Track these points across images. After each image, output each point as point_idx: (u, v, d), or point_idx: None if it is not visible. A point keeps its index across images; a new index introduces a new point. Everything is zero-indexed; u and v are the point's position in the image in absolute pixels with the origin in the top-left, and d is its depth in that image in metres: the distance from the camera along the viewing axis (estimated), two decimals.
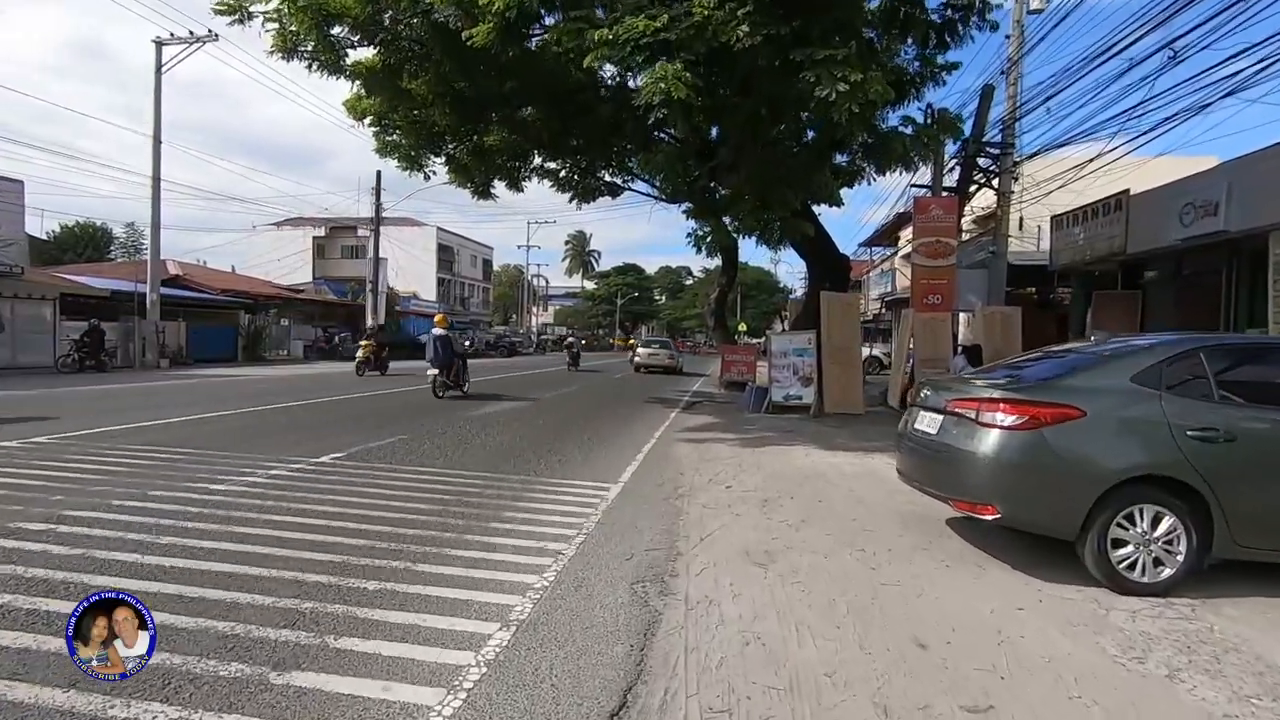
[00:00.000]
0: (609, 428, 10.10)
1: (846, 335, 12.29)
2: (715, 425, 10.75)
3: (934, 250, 14.93)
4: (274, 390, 14.25)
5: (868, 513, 5.46)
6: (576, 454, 7.70)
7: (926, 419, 4.60)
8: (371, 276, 28.30)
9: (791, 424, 10.90)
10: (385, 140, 13.10)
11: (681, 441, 8.92)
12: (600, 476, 6.53)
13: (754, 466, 7.25)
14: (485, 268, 67.60)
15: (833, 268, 12.59)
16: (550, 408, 12.47)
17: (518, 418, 10.76)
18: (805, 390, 11.96)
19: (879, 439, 9.41)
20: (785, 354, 12.20)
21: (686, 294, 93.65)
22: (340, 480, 5.86)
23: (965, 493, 4.08)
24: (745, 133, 8.69)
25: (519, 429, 9.53)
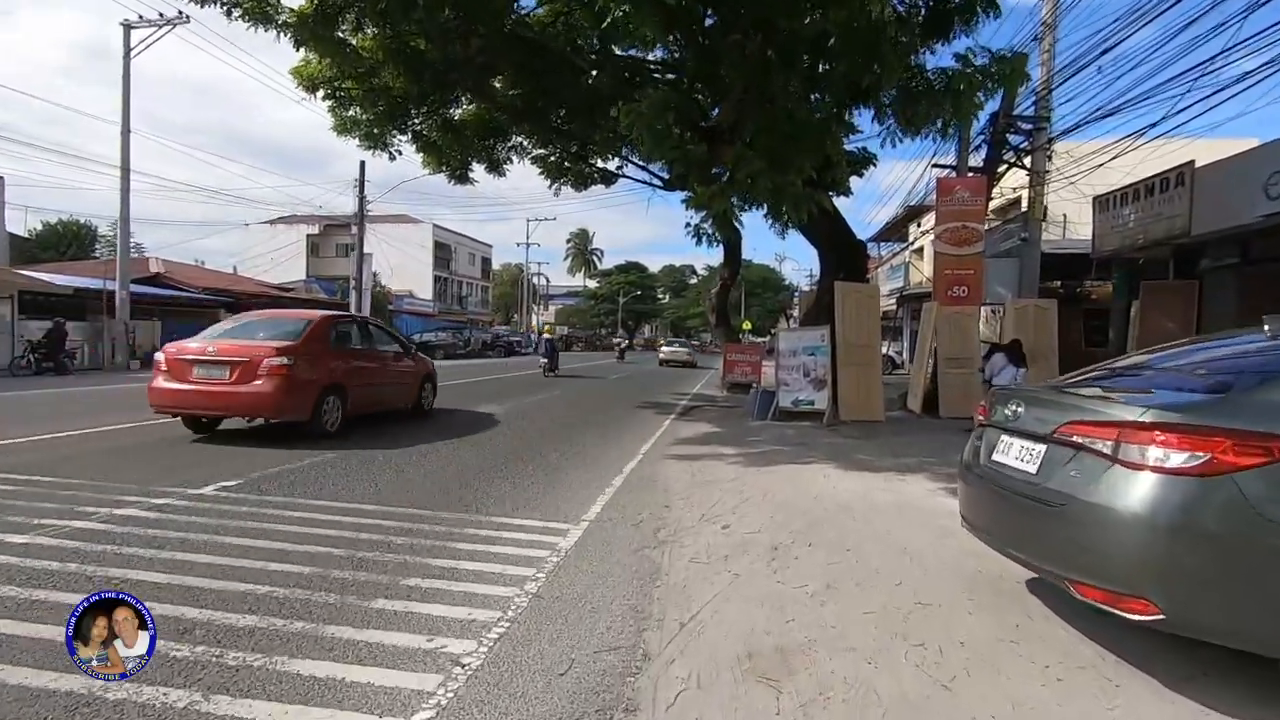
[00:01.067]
0: (589, 441, 8.62)
1: (864, 331, 10.78)
2: (714, 436, 9.26)
3: (959, 236, 13.41)
4: None
5: (917, 571, 3.97)
6: (539, 477, 6.22)
7: (1015, 448, 3.11)
8: (355, 273, 26.91)
9: (803, 434, 9.41)
10: (342, 116, 11.67)
11: (673, 459, 7.43)
12: (561, 512, 5.06)
13: (759, 495, 5.77)
14: (484, 266, 66.21)
15: (848, 255, 11.10)
16: (529, 415, 11.01)
17: (486, 428, 9.30)
18: (818, 395, 10.46)
19: (909, 453, 7.91)
20: (795, 353, 10.71)
21: (690, 293, 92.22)
22: (208, 522, 4.40)
23: (1096, 574, 2.58)
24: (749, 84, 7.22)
25: (482, 444, 8.06)
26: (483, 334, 49.31)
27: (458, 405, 11.82)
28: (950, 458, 7.66)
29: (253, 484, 5.44)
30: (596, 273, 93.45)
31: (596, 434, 9.23)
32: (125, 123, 22.93)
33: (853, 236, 11.39)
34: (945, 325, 12.91)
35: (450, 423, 9.61)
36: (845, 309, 10.61)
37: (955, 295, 13.36)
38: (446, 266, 57.35)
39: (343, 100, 11.05)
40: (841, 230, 11.18)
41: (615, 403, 13.82)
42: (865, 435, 9.38)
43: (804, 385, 10.58)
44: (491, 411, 11.09)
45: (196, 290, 30.64)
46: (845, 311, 10.61)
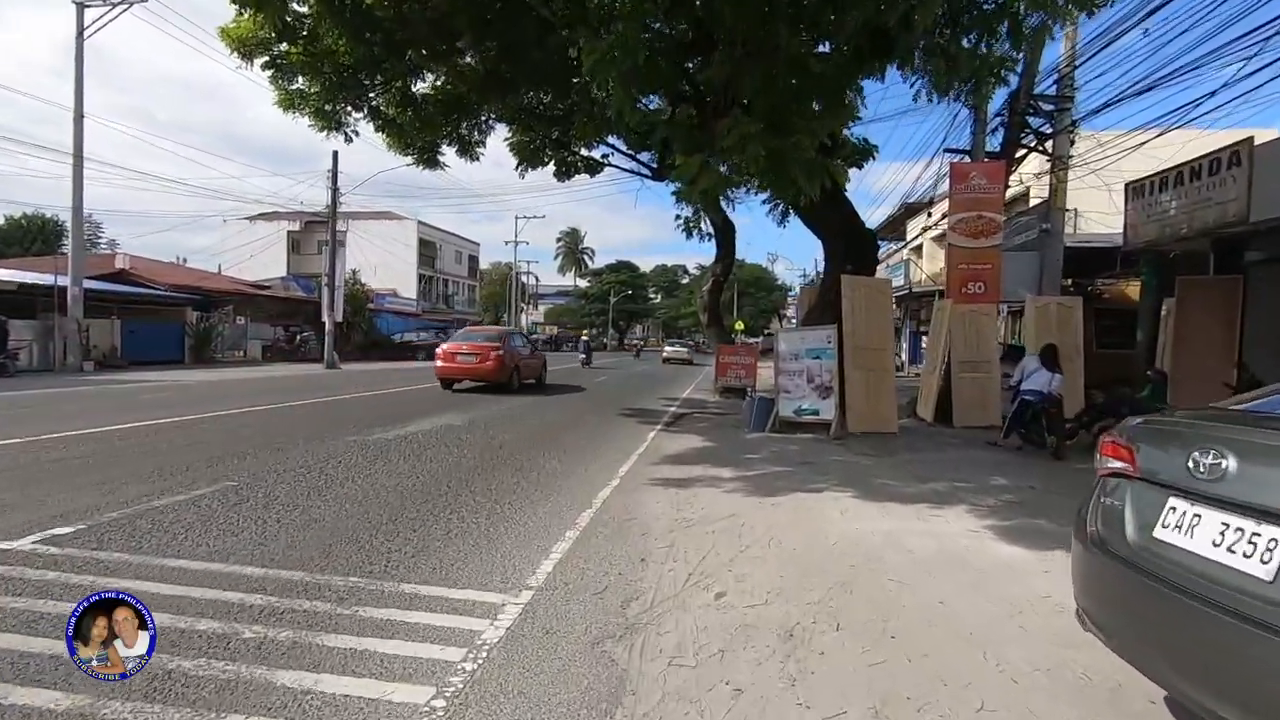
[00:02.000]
0: (559, 459, 7.34)
1: (875, 331, 9.55)
2: (706, 453, 7.99)
3: (975, 228, 12.21)
4: (165, 403, 11.45)
5: (1000, 679, 2.71)
6: (483, 515, 4.93)
7: (1212, 527, 1.86)
8: (328, 269, 25.45)
9: (807, 450, 8.16)
10: (287, 89, 10.31)
11: (656, 484, 6.16)
12: (499, 573, 3.77)
13: (763, 540, 4.50)
14: (471, 264, 64.73)
15: (856, 245, 9.87)
16: (494, 426, 9.72)
17: (434, 443, 8.00)
18: (823, 403, 9.22)
19: (936, 475, 6.67)
20: (796, 356, 9.46)
21: (682, 292, 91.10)
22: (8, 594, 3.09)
23: None
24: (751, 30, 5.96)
25: (422, 464, 6.76)
26: None
27: (420, 414, 10.52)
28: (985, 480, 6.48)
29: (95, 532, 4.12)
30: (587, 272, 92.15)
31: (570, 450, 7.94)
32: (78, 107, 21.49)
33: (862, 224, 10.16)
34: (959, 325, 11.72)
35: (400, 438, 8.30)
36: (854, 305, 9.38)
37: (970, 292, 12.15)
38: (432, 265, 55.87)
39: (285, 69, 9.72)
40: (850, 216, 9.94)
41: (598, 410, 12.53)
42: (879, 451, 8.14)
43: (807, 392, 9.34)
44: (451, 422, 9.78)
45: (164, 288, 29.12)
46: (854, 308, 9.38)
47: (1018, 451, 8.84)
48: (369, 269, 48.87)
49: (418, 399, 13.15)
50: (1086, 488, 2.55)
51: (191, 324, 27.82)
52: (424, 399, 13.17)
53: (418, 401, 12.65)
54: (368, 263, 49.36)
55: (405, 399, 13.09)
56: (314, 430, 8.46)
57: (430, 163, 14.25)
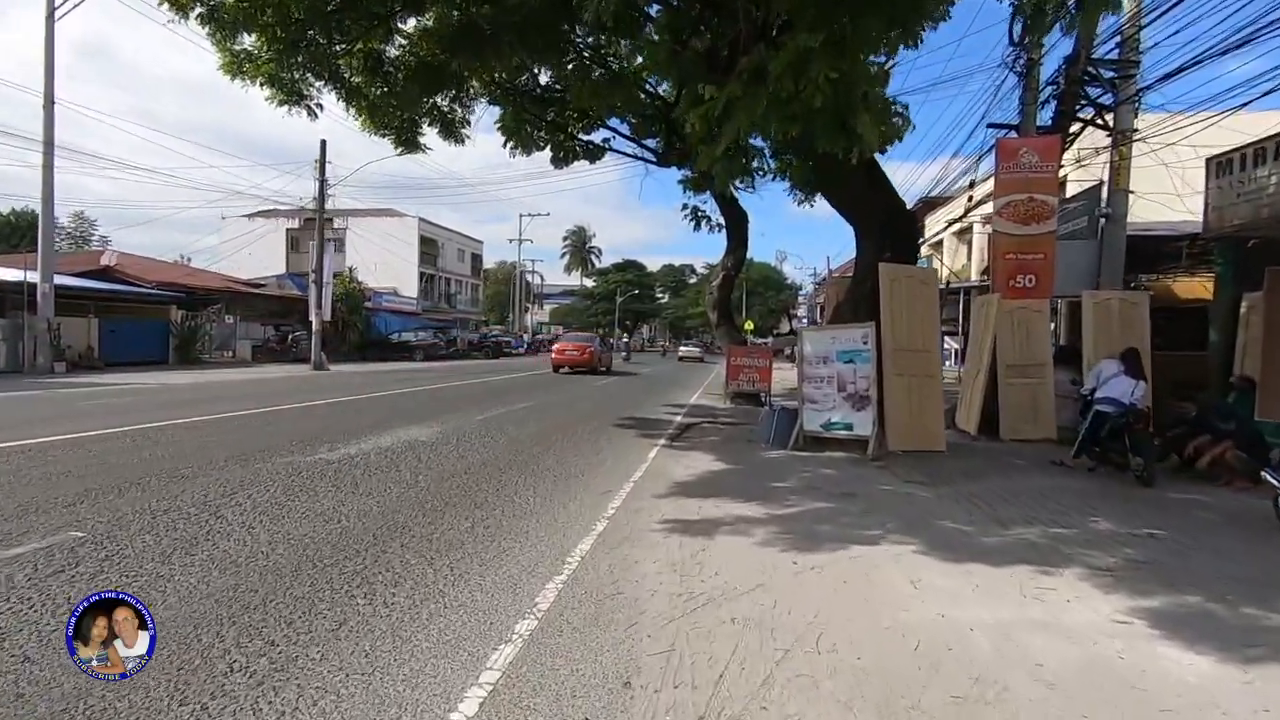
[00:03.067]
0: (530, 491, 5.87)
1: (920, 331, 8.04)
2: (720, 481, 6.49)
3: (1025, 212, 10.65)
4: (107, 410, 10.07)
5: None
6: (393, 604, 3.46)
7: None
8: (315, 265, 24.09)
9: (844, 475, 6.65)
10: (229, 49, 8.89)
11: (654, 531, 4.67)
12: (405, 707, 2.31)
13: (808, 638, 3.01)
14: (474, 262, 63.40)
15: (895, 227, 8.33)
16: (466, 439, 8.28)
17: (386, 466, 6.56)
18: (858, 416, 7.70)
19: (1016, 513, 5.16)
20: (825, 359, 7.96)
21: (689, 292, 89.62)
22: None
23: None
24: None
25: (356, 498, 5.31)
26: (469, 334, 46.58)
27: (388, 425, 9.09)
28: (1084, 524, 4.80)
29: None
30: (593, 271, 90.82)
31: (552, 474, 6.48)
32: (49, 91, 20.21)
33: (901, 202, 8.64)
34: (1006, 324, 10.19)
35: (347, 458, 6.86)
36: (893, 300, 7.87)
37: (1020, 286, 10.61)
38: (433, 263, 54.59)
39: (225, 24, 8.33)
40: (888, 192, 8.41)
41: (593, 419, 11.06)
42: (932, 477, 6.62)
43: (837, 403, 7.83)
44: (418, 436, 8.34)
45: (149, 285, 27.88)
46: (893, 303, 7.87)
47: (1090, 474, 7.32)
48: (369, 267, 47.72)
49: (395, 406, 11.73)
50: (1222, 533, 1.09)
51: (175, 323, 26.56)
52: (402, 406, 11.74)
53: (393, 409, 11.23)
54: (368, 261, 48.22)
55: (380, 406, 11.68)
56: (250, 447, 7.03)
57: (410, 145, 12.85)
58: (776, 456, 7.70)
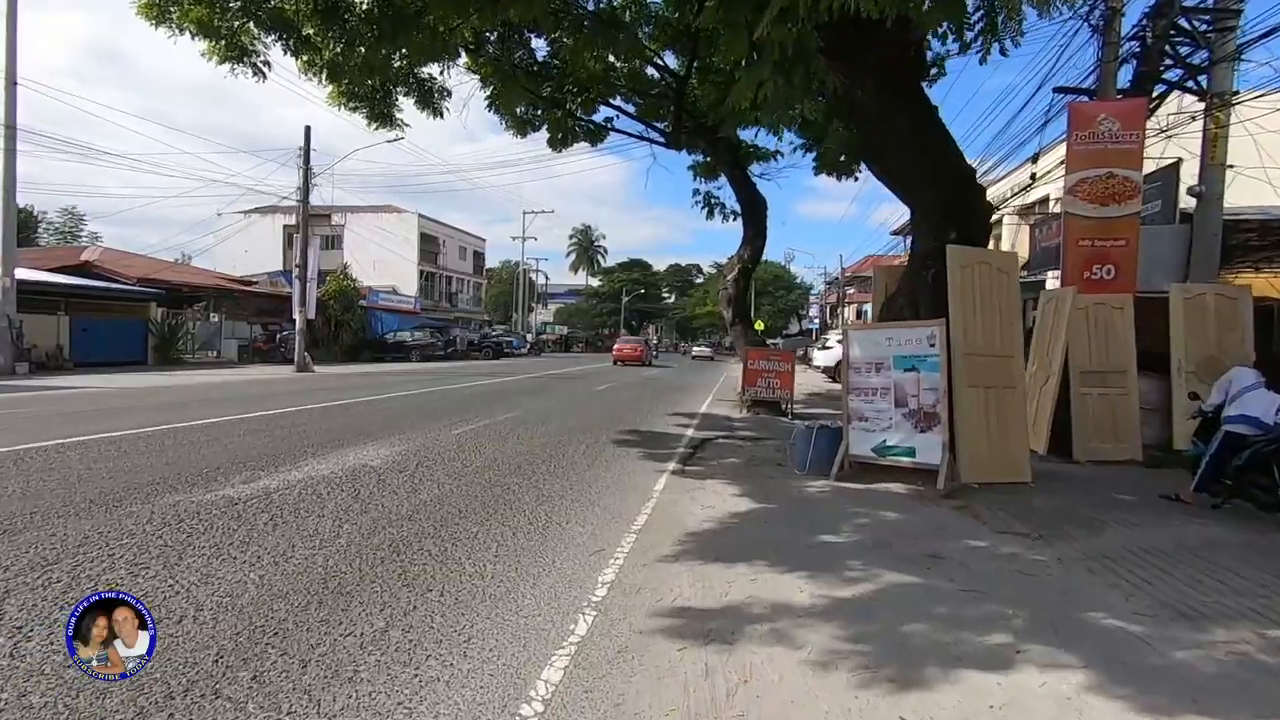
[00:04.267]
0: (492, 555, 4.25)
1: (999, 331, 6.37)
2: (747, 531, 4.83)
3: (1104, 190, 9.00)
4: (33, 418, 8.53)
5: None
6: None
7: None
8: (299, 259, 22.52)
9: (915, 520, 5.00)
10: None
11: (664, 633, 3.05)
12: None
13: None
14: (476, 260, 61.89)
15: (961, 197, 6.59)
16: (427, 464, 6.68)
17: (303, 512, 4.96)
18: (921, 439, 6.04)
19: (1185, 592, 3.47)
20: (880, 366, 6.31)
21: (696, 292, 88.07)
22: None
23: None
24: None
25: (217, 580, 3.70)
26: (469, 333, 45.03)
27: (341, 443, 7.50)
28: None
29: None
30: (599, 271, 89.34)
31: (521, 523, 4.86)
32: (10, 70, 18.76)
33: (967, 167, 6.92)
34: (1081, 323, 8.54)
35: (258, 496, 5.27)
36: (965, 292, 6.21)
37: (1097, 278, 8.98)
38: (434, 260, 53.11)
39: None
40: (951, 153, 6.68)
41: (587, 431, 9.44)
42: (1031, 524, 4.95)
43: (896, 422, 6.18)
44: (369, 461, 6.74)
45: (131, 281, 26.39)
46: (965, 296, 6.21)
47: (1216, 512, 5.68)
48: (367, 265, 46.29)
49: (363, 416, 10.14)
50: None
51: (155, 321, 25.11)
52: (370, 416, 10.15)
53: (357, 421, 9.64)
54: (366, 258, 46.80)
55: (347, 415, 10.09)
56: (142, 479, 5.45)
57: (384, 119, 11.29)
58: (818, 490, 6.05)
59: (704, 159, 15.93)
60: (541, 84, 13.10)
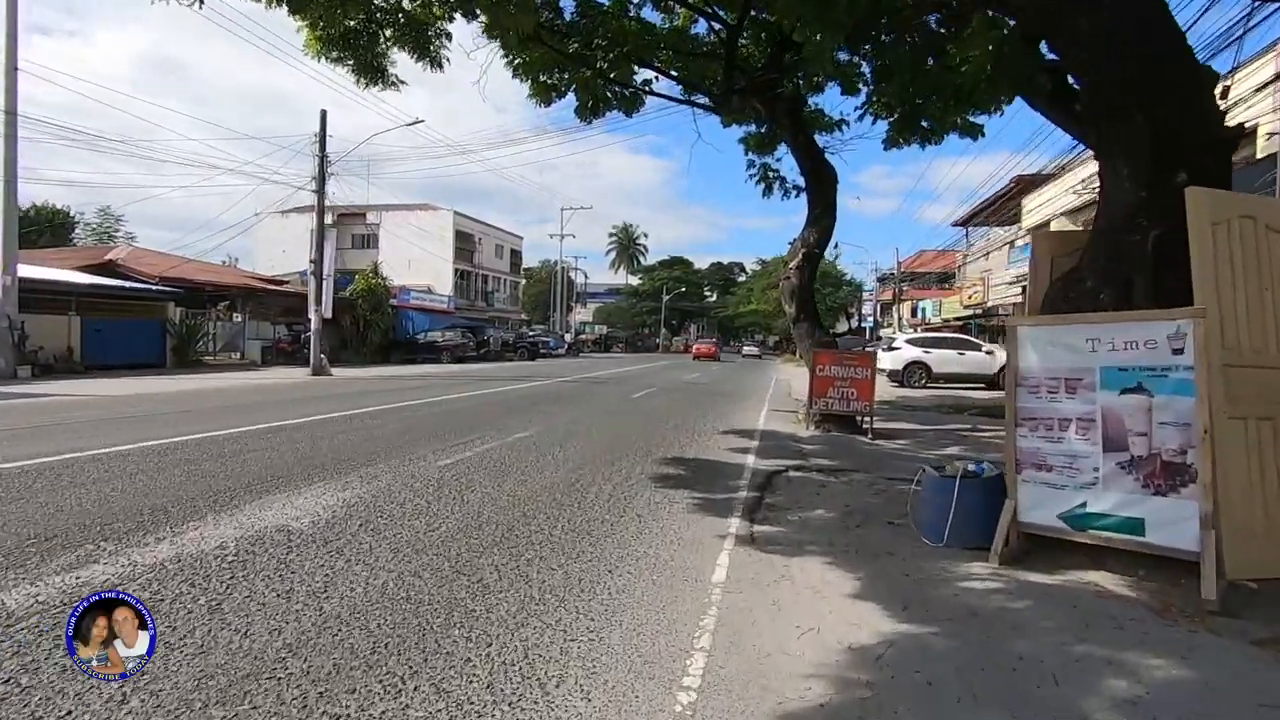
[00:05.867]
0: None
1: (1275, 326, 3.95)
2: (887, 697, 2.58)
3: None
4: None
5: None
6: None
7: None
8: (314, 254, 20.99)
9: (1201, 679, 2.66)
10: None
11: None
12: None
13: None
14: (513, 258, 60.45)
15: (1182, 110, 4.17)
16: (378, 529, 4.59)
17: (174, 611, 2.88)
18: (1156, 505, 3.66)
19: None
20: (1073, 384, 3.93)
21: (739, 289, 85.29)
22: None
23: None
24: None
25: None
26: (504, 333, 43.45)
27: (279, 486, 5.49)
28: None
29: None
30: (639, 269, 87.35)
31: (476, 671, 2.69)
32: (11, 57, 17.63)
33: (1193, 59, 4.44)
34: None
35: (53, 615, 3.22)
36: (1219, 265, 3.80)
37: None
38: (470, 259, 51.79)
39: None
40: (1168, 38, 4.22)
41: (616, 460, 7.24)
42: None
43: (1107, 474, 3.80)
44: (300, 516, 4.68)
45: (153, 280, 25.37)
46: (1221, 271, 3.80)
47: None
48: (402, 264, 45.19)
49: (342, 439, 8.17)
50: None
51: (173, 322, 23.96)
52: (352, 438, 8.18)
53: (329, 447, 7.65)
54: (401, 257, 45.73)
55: (325, 438, 8.13)
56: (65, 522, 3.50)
57: (375, 74, 9.36)
58: (982, 587, 3.71)
59: (758, 129, 13.62)
60: (568, 42, 11.06)
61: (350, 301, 32.58)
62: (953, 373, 18.99)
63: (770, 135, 13.38)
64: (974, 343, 20.37)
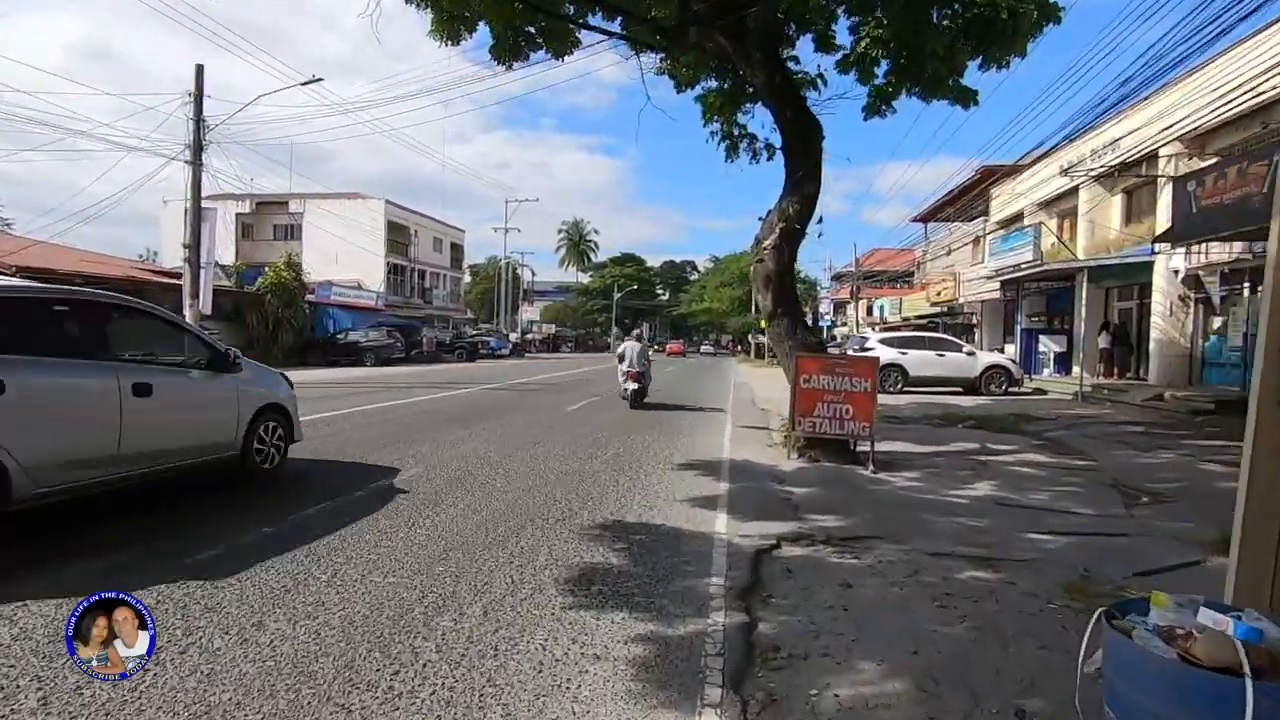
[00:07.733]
0: None
1: None
2: None
3: None
4: None
5: None
6: None
7: None
8: (189, 239, 17.56)
9: None
10: None
11: None
12: None
13: None
14: (454, 252, 56.71)
15: None
16: None
17: None
18: None
19: None
20: None
21: (691, 288, 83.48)
22: None
23: None
24: None
25: None
26: (439, 333, 40.08)
27: None
28: None
29: None
30: (589, 266, 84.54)
31: None
32: None
33: None
34: None
35: None
36: None
37: None
38: (404, 252, 48.02)
39: None
40: None
41: (515, 535, 4.60)
42: None
43: None
44: None
45: (7, 270, 21.27)
46: None
47: None
48: (330, 257, 41.30)
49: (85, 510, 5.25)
50: None
51: None
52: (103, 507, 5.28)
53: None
54: (329, 250, 41.83)
55: None
56: None
57: None
58: None
59: (720, 84, 11.14)
60: None
61: (257, 297, 28.88)
62: (931, 376, 16.96)
63: (736, 89, 10.92)
64: (954, 342, 18.41)
